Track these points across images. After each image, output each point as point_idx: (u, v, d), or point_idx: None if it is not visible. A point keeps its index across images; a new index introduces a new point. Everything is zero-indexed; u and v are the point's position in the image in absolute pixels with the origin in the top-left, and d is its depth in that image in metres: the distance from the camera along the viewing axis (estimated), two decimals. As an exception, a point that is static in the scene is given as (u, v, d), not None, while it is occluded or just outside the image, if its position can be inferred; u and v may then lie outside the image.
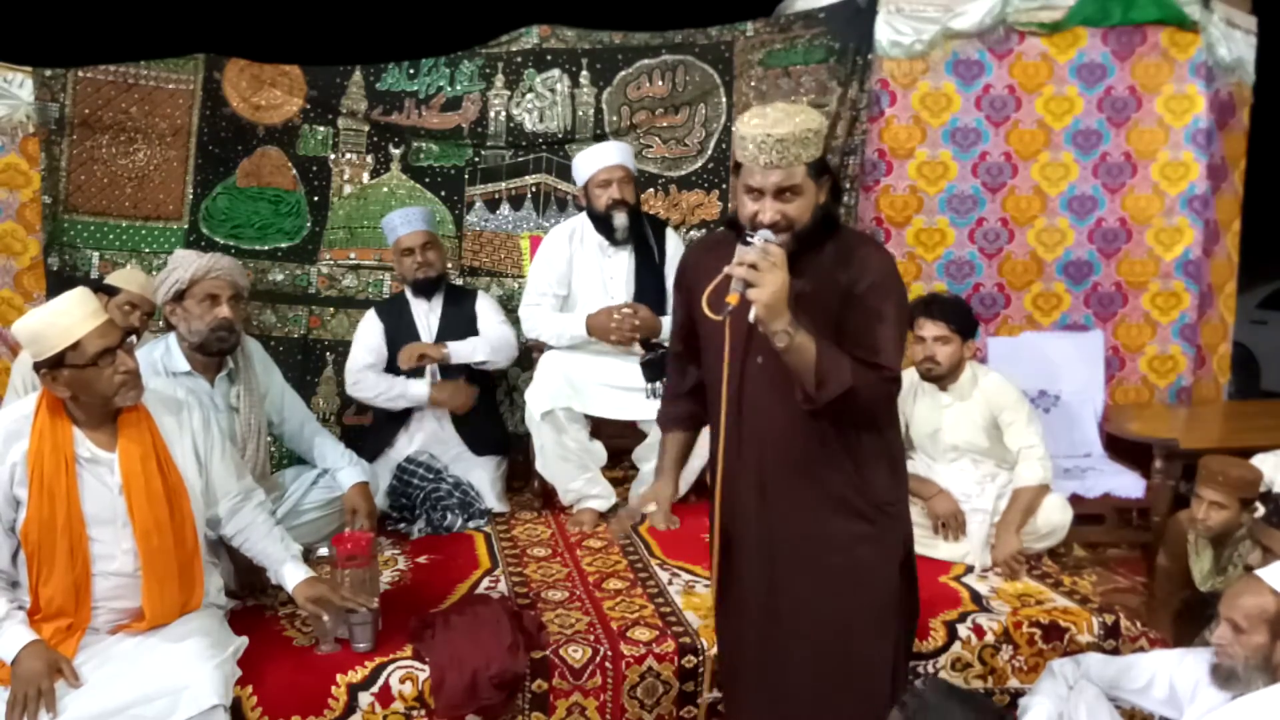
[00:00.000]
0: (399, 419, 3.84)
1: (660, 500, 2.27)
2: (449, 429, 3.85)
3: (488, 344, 3.81)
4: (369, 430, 4.02)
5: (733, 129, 2.06)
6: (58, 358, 2.28)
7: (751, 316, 1.96)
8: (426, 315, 3.89)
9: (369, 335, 3.85)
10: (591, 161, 3.75)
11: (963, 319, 3.36)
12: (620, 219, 3.69)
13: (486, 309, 3.94)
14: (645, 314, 3.67)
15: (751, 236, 2.01)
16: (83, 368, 2.28)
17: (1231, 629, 2.20)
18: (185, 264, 3.07)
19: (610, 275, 3.79)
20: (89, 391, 2.31)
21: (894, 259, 2.22)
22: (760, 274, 1.93)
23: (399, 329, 3.84)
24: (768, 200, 2.03)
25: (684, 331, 2.34)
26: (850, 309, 2.09)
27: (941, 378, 3.37)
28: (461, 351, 3.77)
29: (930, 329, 3.31)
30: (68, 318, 2.29)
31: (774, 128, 1.99)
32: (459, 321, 3.87)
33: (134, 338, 2.49)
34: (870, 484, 2.18)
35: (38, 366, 2.31)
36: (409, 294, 3.92)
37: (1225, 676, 2.21)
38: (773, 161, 2.00)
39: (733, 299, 1.97)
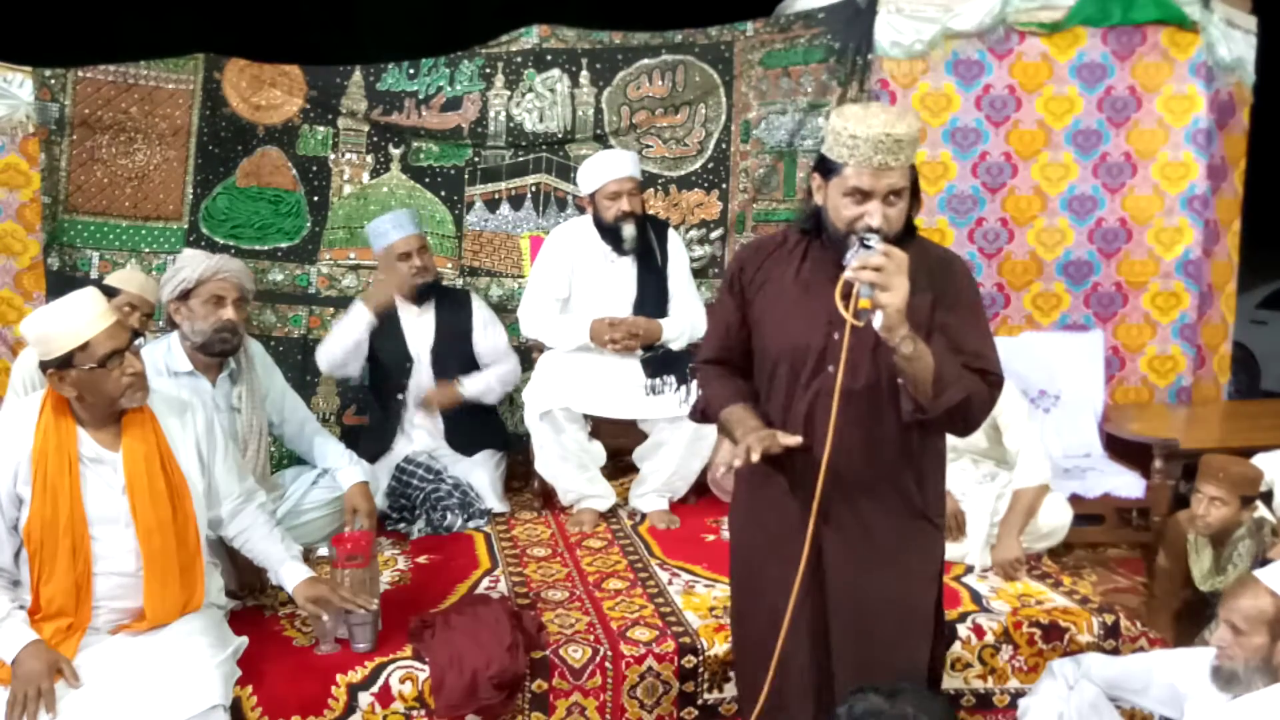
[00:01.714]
0: (397, 420, 3.83)
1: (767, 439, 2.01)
2: (440, 432, 3.83)
3: (500, 380, 3.84)
4: (368, 431, 4.01)
5: (833, 128, 1.98)
6: (66, 358, 2.27)
7: (877, 323, 1.88)
8: (417, 321, 3.81)
9: None
10: (600, 172, 3.69)
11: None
12: (629, 230, 3.66)
13: (490, 335, 3.86)
14: (645, 324, 3.67)
15: (869, 239, 1.93)
16: (91, 369, 2.28)
17: (1231, 631, 2.19)
18: (193, 264, 3.07)
19: (613, 281, 3.76)
20: (96, 392, 2.31)
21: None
22: (887, 277, 1.85)
23: (386, 328, 3.73)
24: (876, 203, 1.96)
25: (731, 338, 2.21)
26: (947, 315, 2.04)
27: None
28: (474, 389, 3.77)
29: None
30: (77, 318, 2.29)
31: (892, 128, 1.92)
32: (455, 328, 3.82)
33: (143, 339, 2.47)
34: (925, 496, 2.15)
35: (44, 366, 2.30)
36: (398, 300, 3.77)
37: (1226, 678, 2.20)
38: (888, 163, 1.94)
39: (865, 303, 1.87)
